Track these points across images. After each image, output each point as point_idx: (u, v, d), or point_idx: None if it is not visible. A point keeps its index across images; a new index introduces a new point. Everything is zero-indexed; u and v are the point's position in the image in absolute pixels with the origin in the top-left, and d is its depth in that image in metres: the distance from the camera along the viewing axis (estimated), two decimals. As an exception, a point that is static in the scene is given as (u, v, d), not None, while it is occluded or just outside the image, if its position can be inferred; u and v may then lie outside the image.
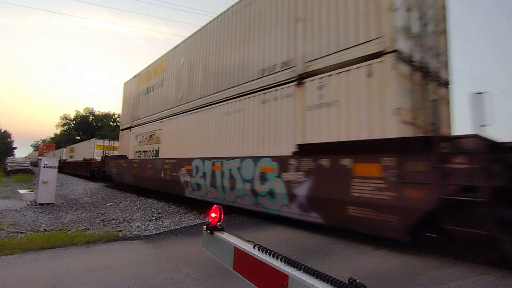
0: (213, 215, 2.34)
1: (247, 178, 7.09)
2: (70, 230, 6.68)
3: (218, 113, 8.67)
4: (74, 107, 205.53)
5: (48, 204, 10.20)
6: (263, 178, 6.67)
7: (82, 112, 75.26)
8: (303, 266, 1.48)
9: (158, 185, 11.67)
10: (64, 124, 77.24)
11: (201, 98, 9.62)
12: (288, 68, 6.62)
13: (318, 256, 4.41)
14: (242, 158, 7.38)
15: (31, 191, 11.75)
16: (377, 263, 4.10)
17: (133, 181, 14.04)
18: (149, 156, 12.78)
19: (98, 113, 74.58)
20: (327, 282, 1.32)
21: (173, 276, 3.77)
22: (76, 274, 3.90)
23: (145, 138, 13.49)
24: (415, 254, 4.29)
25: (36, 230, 6.72)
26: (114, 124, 65.07)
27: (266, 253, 1.75)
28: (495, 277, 3.44)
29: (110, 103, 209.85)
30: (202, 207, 8.88)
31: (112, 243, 5.43)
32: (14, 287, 3.58)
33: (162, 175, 11.06)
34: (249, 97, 7.58)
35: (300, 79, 6.30)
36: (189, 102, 10.30)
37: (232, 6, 8.73)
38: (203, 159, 8.86)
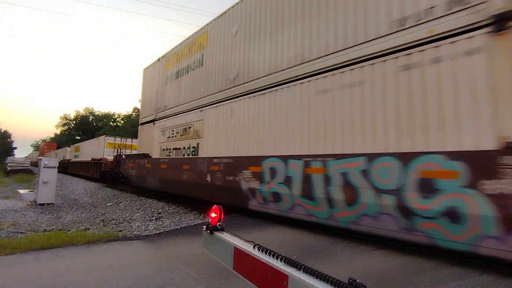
0: (213, 215, 2.35)
1: (387, 188, 4.48)
2: (70, 230, 6.69)
3: (306, 92, 6.11)
4: (74, 107, 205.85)
5: (48, 204, 10.20)
6: (429, 188, 4.10)
7: (82, 112, 75.45)
8: (303, 266, 1.48)
9: (201, 192, 8.93)
10: (64, 124, 77.41)
11: (271, 74, 7.01)
12: (465, 9, 4.16)
13: (318, 256, 4.41)
14: (372, 156, 4.73)
15: (31, 191, 11.75)
16: (377, 263, 4.10)
17: (161, 186, 11.37)
18: (184, 155, 10.08)
19: (98, 113, 74.72)
20: (327, 282, 1.33)
21: (173, 276, 3.77)
22: (76, 274, 3.90)
23: (177, 133, 10.74)
24: (415, 254, 4.29)
25: (36, 230, 6.72)
26: (114, 124, 65.12)
27: (266, 253, 1.76)
28: (495, 277, 3.44)
29: (110, 103, 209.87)
30: (202, 207, 8.87)
31: (112, 243, 5.43)
32: (14, 287, 3.58)
33: (209, 179, 8.37)
34: (373, 64, 5.07)
35: (501, 22, 3.86)
36: (248, 81, 7.65)
37: None
38: (284, 158, 6.22)
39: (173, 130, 11.07)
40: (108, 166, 19.06)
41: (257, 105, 7.37)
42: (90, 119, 73.61)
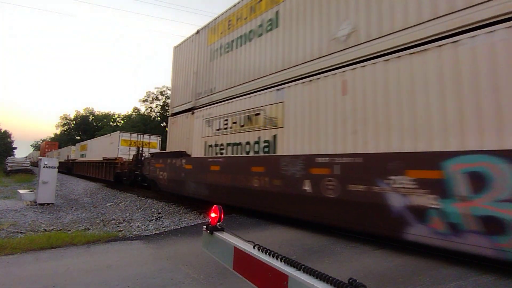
0: (213, 215, 2.35)
1: None
2: (70, 230, 6.69)
3: None
4: (74, 107, 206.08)
5: (48, 204, 10.21)
6: None
7: (82, 112, 75.52)
8: (303, 266, 1.49)
9: (291, 206, 6.17)
10: (64, 124, 77.44)
11: (437, 19, 4.40)
12: None
13: (318, 256, 4.41)
14: None
15: (31, 191, 11.76)
16: (377, 263, 4.10)
17: (210, 194, 8.49)
18: (249, 152, 7.38)
19: (98, 113, 74.77)
20: (327, 282, 1.33)
21: (173, 276, 3.77)
22: (76, 274, 3.90)
23: (233, 123, 8.09)
24: (415, 254, 4.29)
25: (36, 230, 6.72)
26: (114, 124, 65.15)
27: (266, 253, 1.76)
28: (495, 277, 3.44)
29: (110, 103, 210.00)
30: (202, 207, 8.87)
31: (112, 243, 5.43)
32: (14, 287, 3.58)
33: (307, 188, 5.71)
34: None
35: None
36: (382, 37, 5.01)
37: None
38: None
39: (226, 120, 8.43)
40: (125, 167, 16.09)
41: (405, 71, 4.67)
42: (90, 119, 73.62)
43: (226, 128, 8.41)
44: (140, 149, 15.94)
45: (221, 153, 8.41)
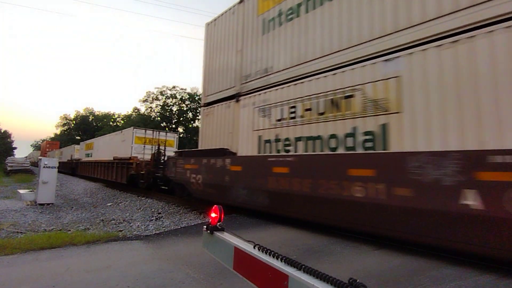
0: (213, 215, 2.35)
1: None
2: (70, 230, 6.69)
3: None
4: (74, 107, 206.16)
5: (48, 204, 10.21)
6: None
7: (82, 112, 75.57)
8: (303, 266, 1.49)
9: (435, 230, 4.01)
10: (64, 124, 77.46)
11: None
12: None
13: (318, 256, 4.41)
14: None
15: (31, 191, 11.77)
16: (377, 263, 4.10)
17: (272, 204, 6.56)
18: (337, 148, 5.49)
19: (98, 113, 74.84)
20: (327, 282, 1.33)
21: (173, 276, 3.77)
22: (76, 274, 3.90)
23: (307, 110, 6.15)
24: (415, 254, 4.29)
25: (36, 230, 6.72)
26: (114, 124, 65.18)
27: (266, 253, 1.76)
28: (495, 277, 3.44)
29: (110, 103, 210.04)
30: (202, 207, 8.87)
31: (112, 243, 5.43)
32: (14, 287, 3.58)
33: (475, 203, 3.61)
34: None
35: None
36: None
37: None
38: None
39: (293, 107, 6.51)
40: (142, 168, 13.88)
41: None
42: (90, 119, 73.66)
43: (293, 118, 6.45)
44: (162, 147, 13.97)
45: (287, 150, 6.49)
